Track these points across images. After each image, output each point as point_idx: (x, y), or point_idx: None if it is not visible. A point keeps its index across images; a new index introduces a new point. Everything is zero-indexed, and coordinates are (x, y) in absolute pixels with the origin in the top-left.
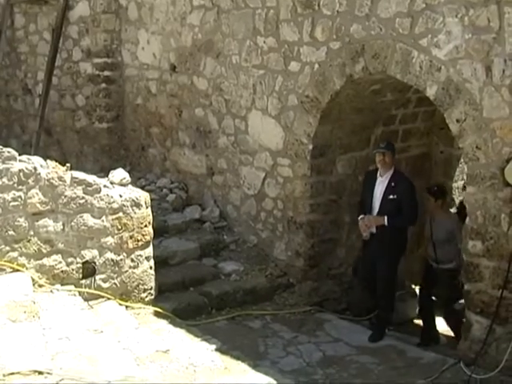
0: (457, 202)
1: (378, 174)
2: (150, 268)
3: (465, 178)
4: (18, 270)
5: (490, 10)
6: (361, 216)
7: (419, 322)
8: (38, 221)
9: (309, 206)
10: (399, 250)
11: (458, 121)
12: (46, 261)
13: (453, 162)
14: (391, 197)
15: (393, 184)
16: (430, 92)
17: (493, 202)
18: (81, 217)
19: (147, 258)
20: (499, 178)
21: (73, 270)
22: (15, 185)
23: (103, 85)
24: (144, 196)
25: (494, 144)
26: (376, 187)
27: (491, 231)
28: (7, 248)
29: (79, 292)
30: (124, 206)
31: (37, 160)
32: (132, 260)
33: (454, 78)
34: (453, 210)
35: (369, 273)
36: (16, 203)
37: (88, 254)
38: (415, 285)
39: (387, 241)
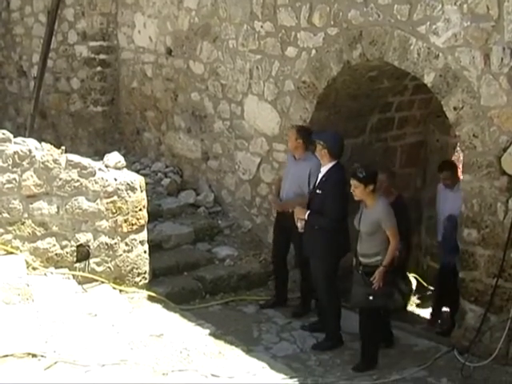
0: None
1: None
2: (144, 252)
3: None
4: (11, 253)
5: None
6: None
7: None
8: (32, 203)
9: None
10: (332, 253)
11: (455, 108)
12: (40, 244)
13: (449, 151)
14: (318, 191)
15: (324, 179)
16: (428, 79)
17: (489, 191)
18: (75, 200)
19: (141, 242)
20: (496, 167)
21: (67, 253)
22: (10, 167)
23: (98, 68)
24: (139, 180)
25: (491, 132)
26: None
27: (487, 220)
28: (1, 230)
29: (73, 275)
30: (119, 189)
31: (32, 142)
32: (126, 244)
33: (451, 66)
34: None
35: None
36: (10, 185)
37: (82, 238)
38: None
39: (317, 241)
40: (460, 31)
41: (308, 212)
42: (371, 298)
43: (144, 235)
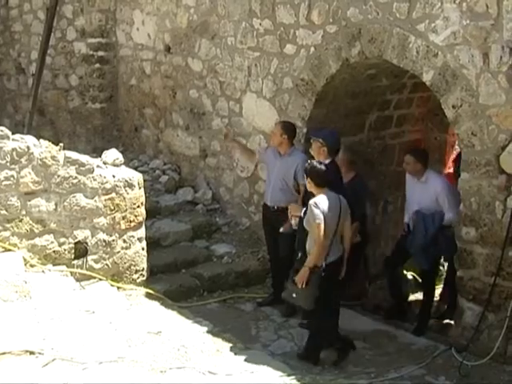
0: None
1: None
2: (142, 249)
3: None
4: (9, 250)
5: None
6: None
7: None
8: (30, 200)
9: None
10: None
11: (453, 107)
12: (37, 241)
13: (447, 149)
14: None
15: None
16: (427, 77)
17: (487, 189)
18: (73, 197)
19: (139, 239)
20: (494, 165)
21: (65, 250)
22: (8, 164)
23: (97, 65)
24: (137, 177)
25: (489, 131)
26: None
27: (485, 218)
28: None
29: (71, 272)
30: (117, 186)
31: (30, 139)
32: (124, 241)
33: (450, 64)
34: None
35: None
36: (8, 182)
37: (80, 235)
38: None
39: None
40: (459, 29)
41: (304, 209)
42: (294, 295)
43: (142, 232)
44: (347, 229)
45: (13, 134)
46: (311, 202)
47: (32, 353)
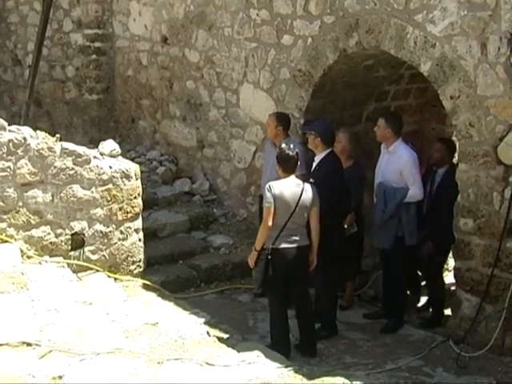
0: None
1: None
2: (139, 240)
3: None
4: (6, 241)
5: None
6: None
7: None
8: (27, 191)
9: None
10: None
11: (451, 98)
12: (34, 232)
13: None
14: (311, 180)
15: (317, 167)
16: (424, 68)
17: (485, 180)
18: (70, 188)
19: (136, 230)
20: (492, 156)
21: (62, 241)
22: (4, 155)
23: (94, 56)
24: (134, 168)
25: (487, 122)
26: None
27: (483, 209)
28: None
29: (68, 264)
30: (114, 177)
31: (26, 130)
32: (121, 232)
33: (448, 55)
34: None
35: None
36: (5, 173)
37: (77, 226)
38: None
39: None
40: (457, 20)
41: None
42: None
43: (139, 223)
44: (313, 219)
45: (9, 125)
46: (267, 184)
47: (29, 344)
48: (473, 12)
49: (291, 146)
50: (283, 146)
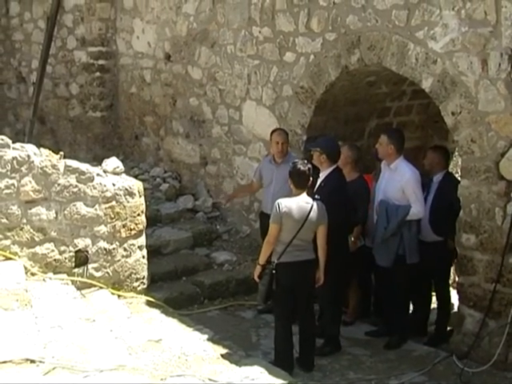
0: None
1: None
2: (143, 257)
3: (459, 171)
4: (10, 259)
5: (487, 3)
6: None
7: None
8: (30, 209)
9: None
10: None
11: (453, 114)
12: (38, 249)
13: None
14: (316, 197)
15: (323, 184)
16: (426, 84)
17: (487, 196)
18: (74, 205)
19: (140, 247)
20: (494, 172)
21: (65, 258)
22: (8, 172)
23: (97, 73)
24: (137, 185)
25: (489, 137)
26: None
27: (485, 225)
28: (0, 236)
29: (72, 281)
30: (117, 194)
31: (30, 148)
32: (125, 249)
33: (449, 71)
34: None
35: None
36: (9, 191)
37: (81, 243)
38: None
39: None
40: (458, 36)
41: None
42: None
43: (142, 240)
44: (320, 237)
45: (13, 142)
46: (276, 201)
47: (33, 361)
48: (474, 28)
49: (305, 161)
50: (296, 160)
